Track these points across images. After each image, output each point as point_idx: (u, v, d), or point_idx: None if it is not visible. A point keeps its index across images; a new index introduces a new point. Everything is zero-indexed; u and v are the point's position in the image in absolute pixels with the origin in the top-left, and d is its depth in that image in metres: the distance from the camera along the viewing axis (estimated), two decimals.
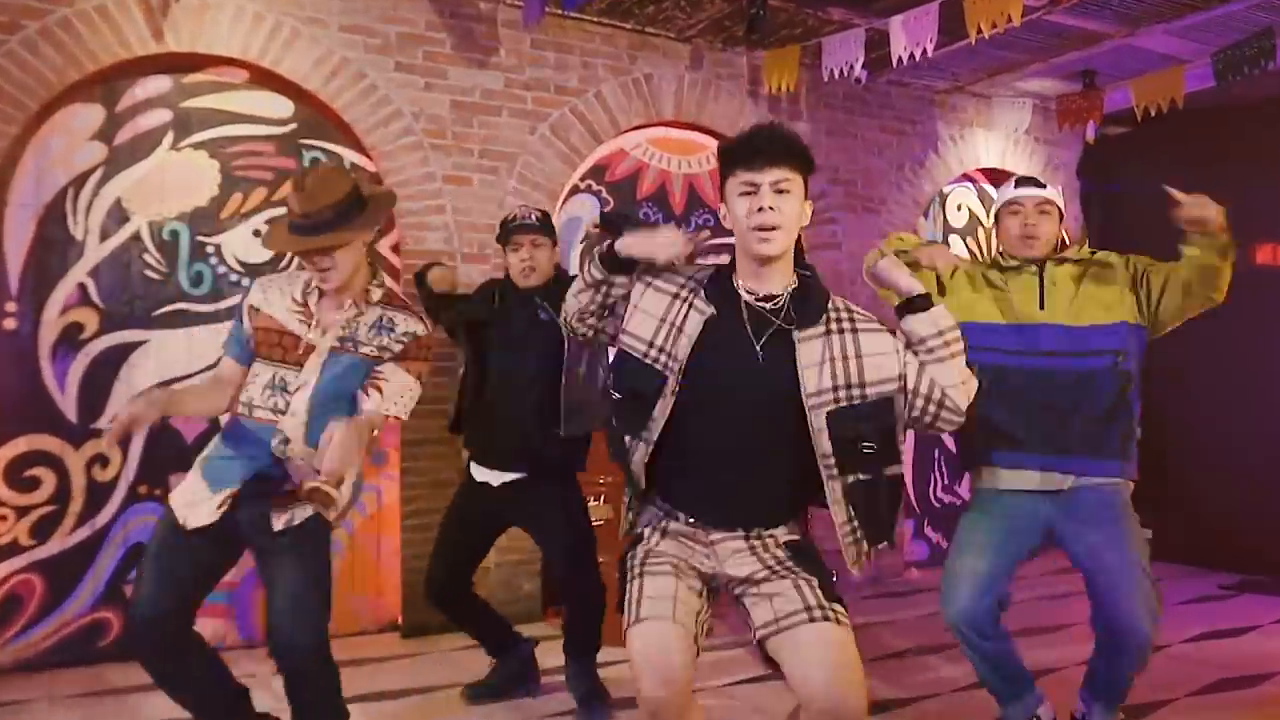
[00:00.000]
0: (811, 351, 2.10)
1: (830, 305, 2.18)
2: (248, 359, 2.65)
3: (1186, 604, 5.14)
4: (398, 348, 2.65)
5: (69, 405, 4.07)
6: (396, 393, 2.65)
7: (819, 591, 2.04)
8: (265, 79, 4.40)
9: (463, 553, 3.54)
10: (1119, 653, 2.78)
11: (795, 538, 2.19)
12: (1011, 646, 2.93)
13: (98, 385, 4.11)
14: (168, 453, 4.19)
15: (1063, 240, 3.07)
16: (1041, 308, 2.90)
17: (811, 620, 1.97)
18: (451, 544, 3.54)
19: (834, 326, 2.14)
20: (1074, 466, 2.82)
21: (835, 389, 2.06)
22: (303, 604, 2.52)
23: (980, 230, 6.58)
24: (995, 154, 6.45)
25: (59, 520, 4.04)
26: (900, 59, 4.28)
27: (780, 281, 2.15)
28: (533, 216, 3.45)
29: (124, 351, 4.17)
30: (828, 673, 1.89)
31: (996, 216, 3.11)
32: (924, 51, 4.16)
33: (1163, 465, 6.16)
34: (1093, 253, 3.02)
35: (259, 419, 2.56)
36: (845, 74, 4.72)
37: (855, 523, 2.10)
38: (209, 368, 3.96)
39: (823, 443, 2.05)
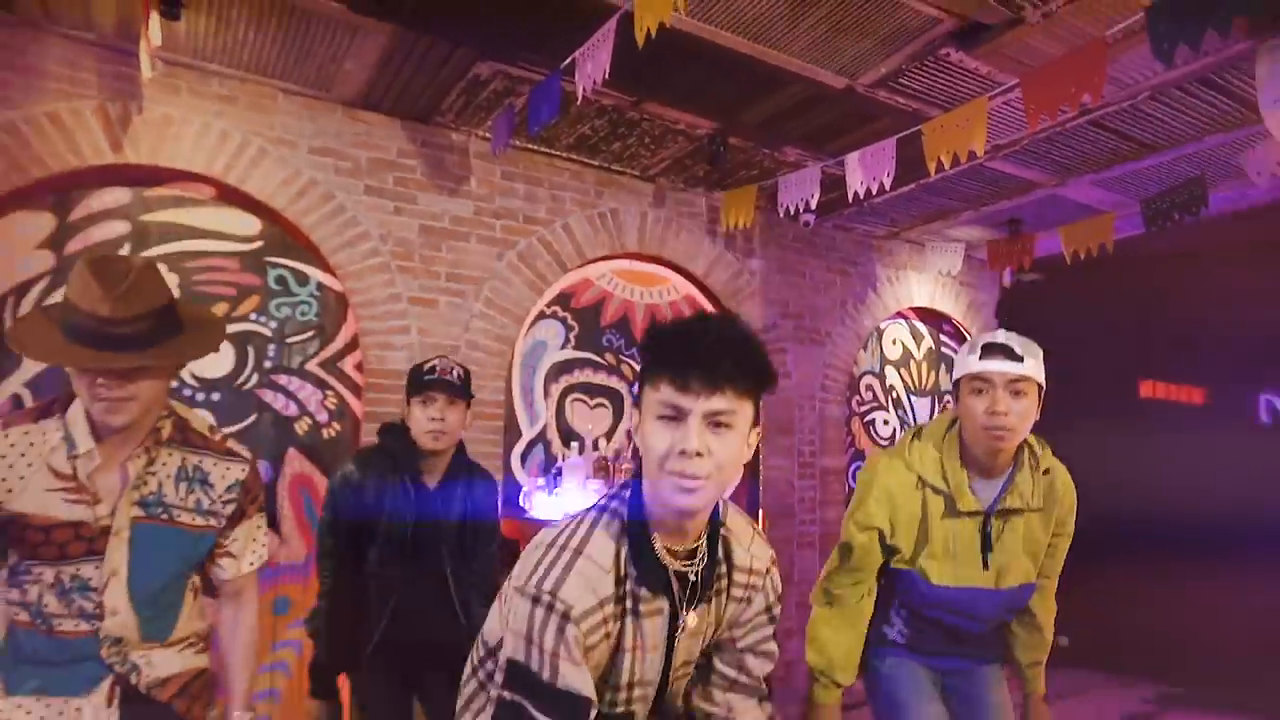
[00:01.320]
0: (689, 628, 1.36)
1: (716, 563, 1.37)
2: None
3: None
4: (229, 510, 1.72)
5: None
6: (248, 548, 1.77)
7: None
8: (230, 195, 3.58)
9: None
10: None
11: None
12: None
13: None
14: None
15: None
16: (986, 569, 2.04)
17: None
18: None
19: (718, 587, 1.40)
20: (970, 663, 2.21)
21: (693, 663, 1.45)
22: None
23: (911, 362, 5.88)
24: (925, 294, 5.80)
25: None
26: (856, 193, 3.56)
27: (696, 533, 1.32)
28: (454, 373, 2.42)
29: None
30: None
31: (956, 386, 2.05)
32: (880, 187, 3.45)
33: (1075, 577, 5.38)
34: (1044, 470, 2.09)
35: (67, 632, 1.58)
36: (800, 210, 4.00)
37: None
38: None
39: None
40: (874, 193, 3.56)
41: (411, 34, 3.07)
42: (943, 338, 6.04)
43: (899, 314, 5.80)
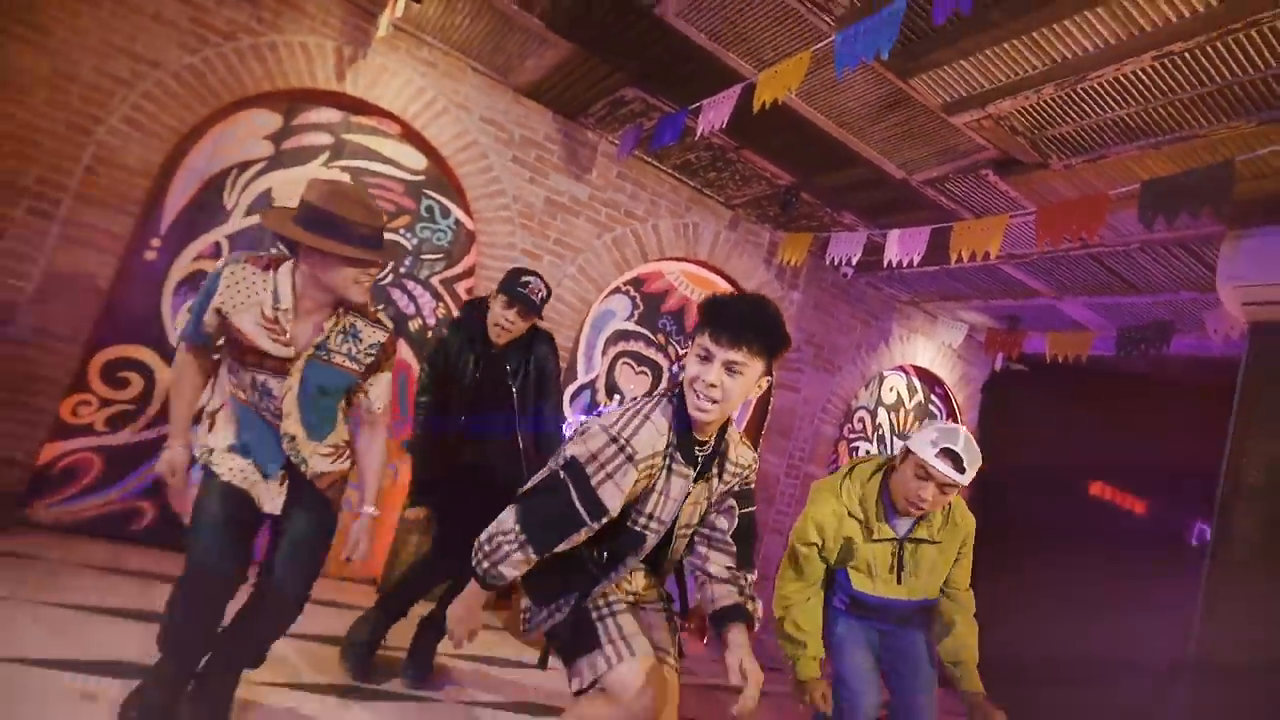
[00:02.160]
0: (694, 496, 1.80)
1: (720, 461, 1.82)
2: (206, 343, 2.05)
3: None
4: (368, 360, 2.13)
5: (171, 331, 3.60)
6: (381, 395, 2.20)
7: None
8: (411, 136, 4.07)
9: None
10: None
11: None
12: None
13: None
14: None
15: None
16: (899, 584, 2.42)
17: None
18: None
19: (716, 473, 1.82)
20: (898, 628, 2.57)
21: (693, 525, 1.88)
22: (306, 556, 2.05)
23: (902, 409, 6.22)
24: (927, 358, 6.12)
25: (134, 418, 3.53)
26: (890, 263, 3.95)
27: (710, 433, 1.74)
28: (539, 295, 2.73)
29: None
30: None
31: (905, 452, 2.33)
32: (910, 261, 3.83)
33: (1005, 663, 5.67)
34: (945, 517, 2.43)
35: (262, 414, 2.05)
36: (842, 263, 4.40)
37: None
38: None
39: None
40: (904, 265, 3.94)
41: (586, 53, 3.52)
42: (933, 396, 6.37)
43: (901, 367, 6.13)
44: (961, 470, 2.21)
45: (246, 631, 2.09)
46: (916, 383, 6.27)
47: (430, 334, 4.20)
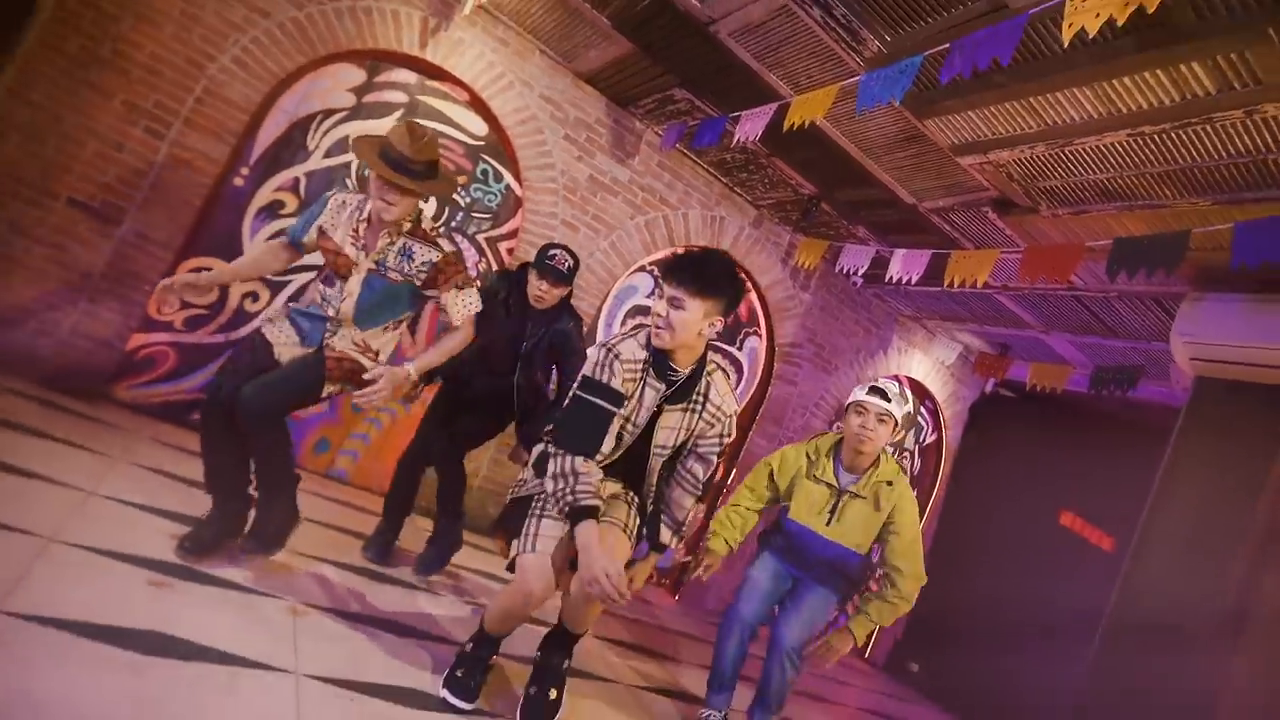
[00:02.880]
0: (669, 419, 2.21)
1: (697, 390, 2.21)
2: (298, 247, 2.63)
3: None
4: (422, 276, 2.58)
5: (249, 249, 4.07)
6: (455, 309, 2.67)
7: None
8: (477, 105, 4.50)
9: None
10: (773, 658, 2.85)
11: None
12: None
13: None
14: None
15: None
16: (828, 525, 2.87)
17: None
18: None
19: (694, 407, 2.21)
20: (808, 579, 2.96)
21: (669, 447, 2.27)
22: (273, 387, 2.44)
23: None
24: (921, 372, 6.51)
25: (207, 322, 4.02)
26: (892, 279, 4.35)
27: (684, 363, 2.17)
28: (566, 265, 3.09)
29: None
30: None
31: (846, 409, 2.87)
32: (909, 279, 4.23)
33: (946, 631, 6.13)
34: (887, 481, 2.85)
35: (325, 307, 2.59)
36: (849, 274, 4.80)
37: (657, 490, 2.33)
38: None
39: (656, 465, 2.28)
40: (904, 281, 4.35)
41: (644, 53, 3.92)
42: (922, 409, 6.77)
43: (895, 377, 6.52)
44: (887, 400, 2.75)
45: (255, 459, 2.54)
46: (908, 393, 6.66)
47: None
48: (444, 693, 2.21)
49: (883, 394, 2.80)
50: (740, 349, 5.73)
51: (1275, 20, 2.05)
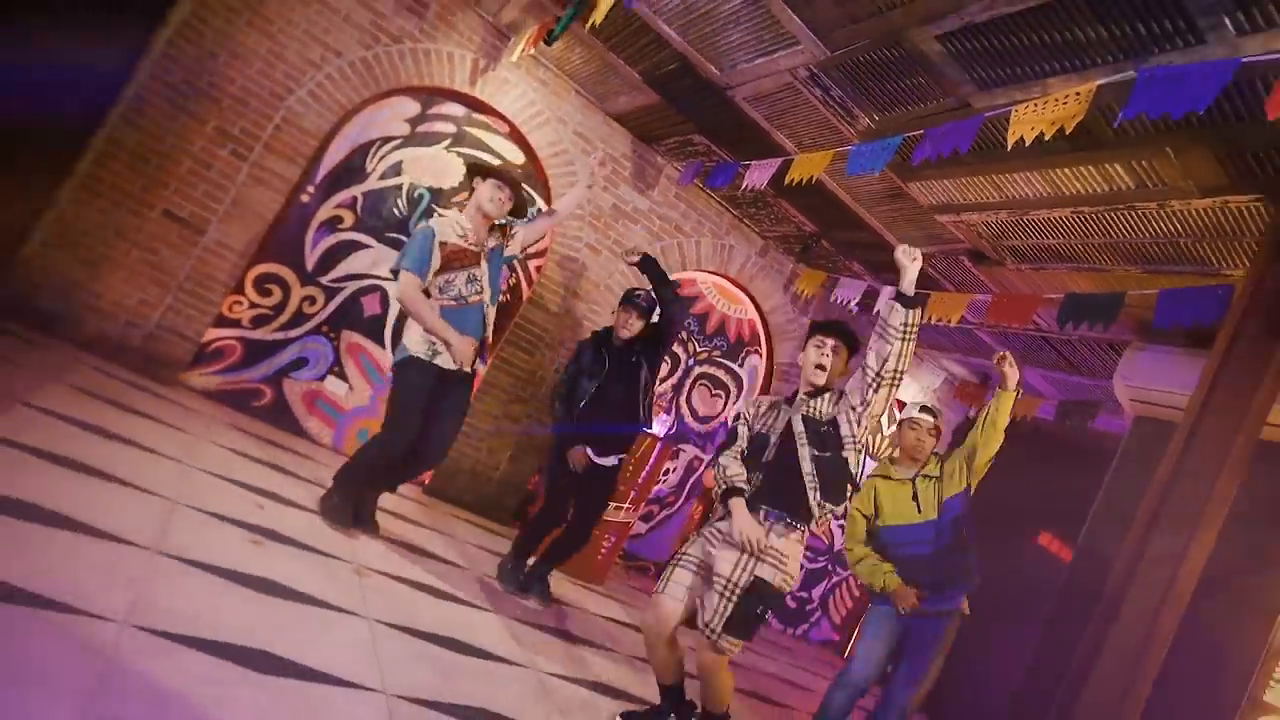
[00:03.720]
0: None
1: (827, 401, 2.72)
2: (425, 275, 3.26)
3: None
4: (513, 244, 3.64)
5: (311, 260, 4.65)
6: (528, 229, 3.75)
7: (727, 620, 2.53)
8: (516, 137, 5.06)
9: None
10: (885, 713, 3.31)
11: (761, 577, 2.56)
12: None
13: (333, 256, 4.70)
14: (347, 315, 4.74)
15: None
16: (918, 511, 3.33)
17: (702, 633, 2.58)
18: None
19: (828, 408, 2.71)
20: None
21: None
22: (456, 424, 3.43)
23: (879, 434, 7.16)
24: (909, 395, 7.02)
25: (271, 320, 4.59)
26: (877, 311, 4.89)
27: (825, 388, 2.74)
28: (645, 303, 3.87)
29: (356, 245, 4.76)
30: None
31: (900, 425, 3.44)
32: None
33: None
34: (940, 464, 3.39)
35: (471, 302, 3.34)
36: (844, 303, 5.35)
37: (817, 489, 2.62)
38: (393, 270, 4.60)
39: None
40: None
41: (669, 105, 4.48)
42: None
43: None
44: (934, 415, 3.38)
45: (403, 478, 3.37)
46: (896, 413, 7.20)
47: (500, 297, 5.21)
48: None
49: (931, 411, 3.40)
50: (742, 366, 6.28)
51: (1170, 141, 2.60)
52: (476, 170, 3.48)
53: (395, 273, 3.27)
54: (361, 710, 2.01)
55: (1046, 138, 2.53)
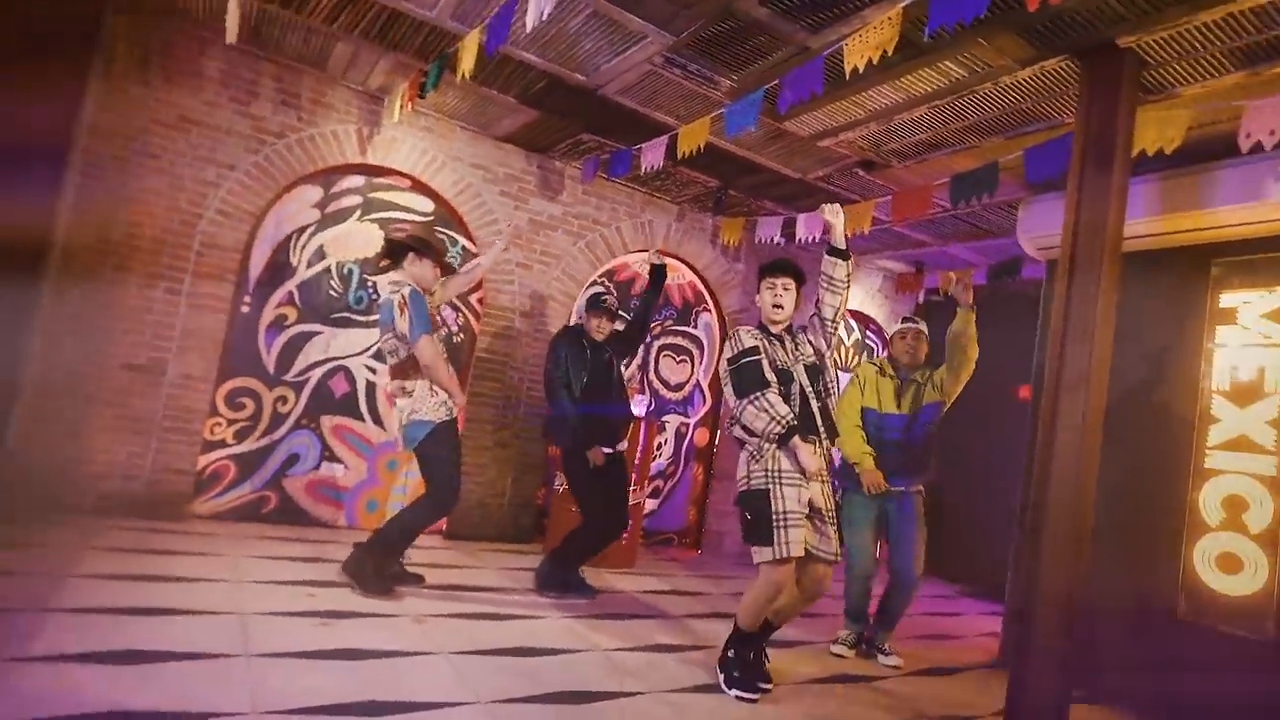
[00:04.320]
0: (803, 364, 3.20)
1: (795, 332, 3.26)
2: (432, 331, 3.76)
3: (929, 598, 6.14)
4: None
5: (270, 363, 4.99)
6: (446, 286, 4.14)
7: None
8: (420, 187, 5.41)
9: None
10: (898, 590, 3.92)
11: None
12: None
13: (289, 354, 5.03)
14: (321, 402, 5.09)
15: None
16: (899, 407, 4.01)
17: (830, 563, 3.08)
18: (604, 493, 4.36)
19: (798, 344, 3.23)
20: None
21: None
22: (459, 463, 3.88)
23: (843, 347, 7.70)
24: (857, 302, 7.57)
25: (253, 431, 4.93)
26: (801, 239, 5.37)
27: (783, 326, 3.25)
28: (614, 306, 4.47)
29: (307, 335, 5.10)
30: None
31: (890, 338, 4.17)
32: (815, 238, 5.26)
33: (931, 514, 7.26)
34: (929, 373, 4.06)
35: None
36: (769, 240, 5.82)
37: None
38: (360, 352, 4.96)
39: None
40: (813, 240, 5.37)
41: (549, 115, 4.87)
42: (868, 332, 7.86)
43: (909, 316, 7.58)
44: (918, 322, 4.11)
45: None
46: (853, 323, 7.74)
47: (454, 338, 5.60)
48: (733, 693, 3.03)
49: (914, 320, 4.17)
50: (696, 326, 6.75)
51: (979, 33, 3.09)
52: (399, 249, 3.86)
53: (400, 337, 3.71)
54: (470, 718, 2.45)
55: (875, 62, 3.00)
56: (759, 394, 2.96)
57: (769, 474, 2.98)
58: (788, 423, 2.92)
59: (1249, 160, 3.46)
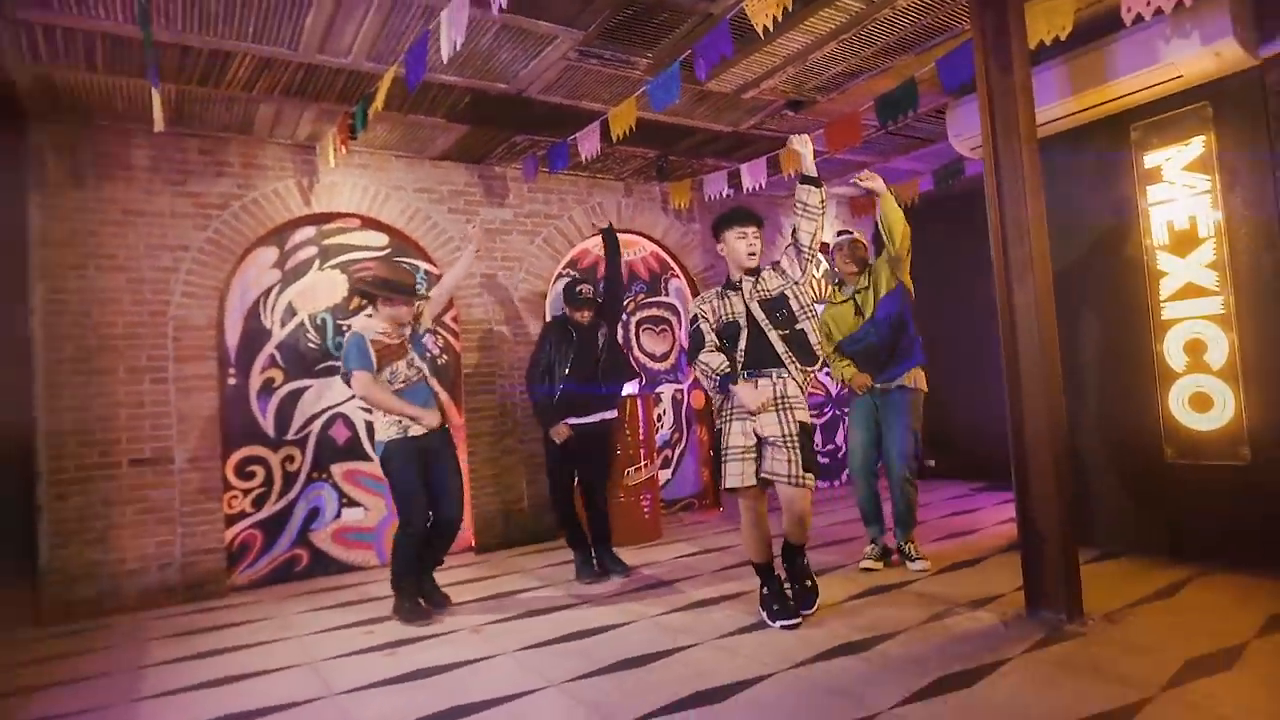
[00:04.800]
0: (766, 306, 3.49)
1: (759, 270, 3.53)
2: (373, 370, 3.89)
3: (949, 499, 6.53)
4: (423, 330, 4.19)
5: (269, 426, 5.23)
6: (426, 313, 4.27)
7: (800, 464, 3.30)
8: (370, 223, 5.63)
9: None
10: (891, 486, 4.32)
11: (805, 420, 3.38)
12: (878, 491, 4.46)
13: (285, 414, 5.27)
14: (327, 453, 5.35)
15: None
16: (859, 315, 4.33)
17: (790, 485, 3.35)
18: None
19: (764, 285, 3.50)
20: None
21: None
22: (460, 490, 4.04)
23: (813, 280, 8.00)
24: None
25: (269, 495, 5.18)
26: (748, 189, 5.64)
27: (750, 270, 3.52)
28: (593, 293, 4.72)
29: (298, 393, 5.33)
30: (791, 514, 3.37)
31: (832, 255, 4.53)
32: (761, 186, 5.53)
33: (939, 420, 7.66)
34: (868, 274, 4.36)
35: (415, 381, 3.98)
36: (719, 195, 6.09)
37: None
38: (352, 396, 5.19)
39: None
40: (759, 188, 5.64)
41: (479, 127, 5.09)
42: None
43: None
44: (850, 232, 4.42)
45: (438, 552, 4.02)
46: (820, 256, 8.04)
47: (439, 360, 5.84)
48: (777, 625, 3.38)
49: (847, 233, 4.48)
50: (668, 294, 7.02)
51: None
52: (366, 293, 4.09)
53: (347, 378, 3.91)
54: (547, 702, 2.77)
55: (779, 18, 3.25)
56: (698, 358, 3.42)
57: (722, 416, 3.45)
58: (720, 373, 3.33)
59: (1140, 28, 3.75)
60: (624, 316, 6.44)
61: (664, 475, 6.80)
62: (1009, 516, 5.47)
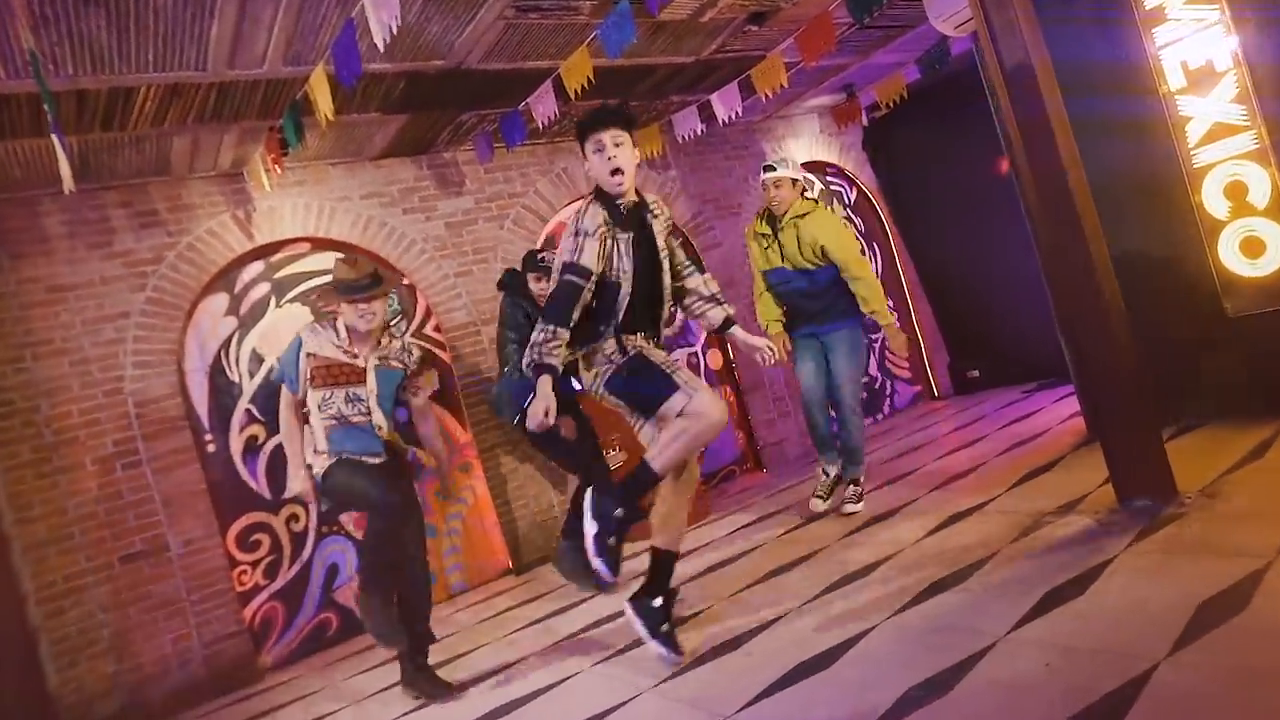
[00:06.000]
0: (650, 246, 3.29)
1: (646, 216, 3.28)
2: (298, 391, 3.68)
3: (1003, 408, 6.65)
4: (414, 366, 3.88)
5: (262, 488, 5.28)
6: (424, 394, 4.02)
7: None
8: (322, 244, 5.63)
9: None
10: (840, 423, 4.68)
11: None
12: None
13: (276, 470, 5.31)
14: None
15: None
16: (781, 259, 4.59)
17: None
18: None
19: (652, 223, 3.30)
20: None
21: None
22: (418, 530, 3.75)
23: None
24: (805, 152, 7.91)
25: (281, 561, 5.24)
26: (723, 119, 5.66)
27: (629, 199, 3.23)
28: (547, 262, 4.80)
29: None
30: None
31: (764, 186, 4.66)
32: (737, 114, 5.55)
33: (973, 328, 7.73)
34: (799, 215, 4.56)
35: (356, 422, 3.65)
36: (690, 135, 6.11)
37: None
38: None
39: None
40: (736, 117, 5.67)
41: (420, 112, 5.09)
42: (827, 178, 8.20)
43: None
44: (774, 170, 4.59)
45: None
46: (811, 176, 8.06)
47: (432, 393, 5.88)
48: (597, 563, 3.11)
49: (770, 168, 4.63)
50: None
51: None
52: (325, 298, 4.03)
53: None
54: (654, 705, 2.87)
55: None
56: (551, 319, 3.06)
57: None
58: (542, 362, 2.99)
59: None
60: None
61: None
62: (1073, 411, 5.58)
